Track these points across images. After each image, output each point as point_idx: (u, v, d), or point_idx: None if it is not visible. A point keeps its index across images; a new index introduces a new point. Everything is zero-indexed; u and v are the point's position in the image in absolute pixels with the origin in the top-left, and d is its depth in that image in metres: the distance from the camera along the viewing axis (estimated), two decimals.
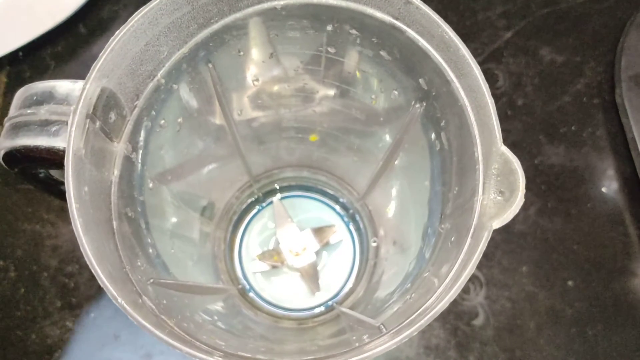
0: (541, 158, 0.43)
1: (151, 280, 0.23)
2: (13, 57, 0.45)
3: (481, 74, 0.20)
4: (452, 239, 0.22)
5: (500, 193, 0.20)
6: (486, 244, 0.19)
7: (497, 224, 0.19)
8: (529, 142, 0.43)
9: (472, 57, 0.20)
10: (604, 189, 0.42)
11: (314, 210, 0.39)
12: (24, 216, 0.42)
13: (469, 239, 0.20)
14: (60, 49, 0.46)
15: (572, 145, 0.43)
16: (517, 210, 0.19)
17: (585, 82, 0.44)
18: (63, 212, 0.41)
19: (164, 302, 0.22)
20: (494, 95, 0.44)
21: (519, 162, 0.19)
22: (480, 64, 0.45)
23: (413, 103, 0.26)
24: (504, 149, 0.19)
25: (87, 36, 0.46)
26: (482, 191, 0.20)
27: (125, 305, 0.18)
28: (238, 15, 0.24)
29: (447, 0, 0.47)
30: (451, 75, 0.22)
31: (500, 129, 0.20)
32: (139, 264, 0.23)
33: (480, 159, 0.21)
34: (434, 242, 0.25)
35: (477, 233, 0.19)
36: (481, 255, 0.19)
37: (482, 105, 0.20)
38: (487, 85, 0.20)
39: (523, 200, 0.19)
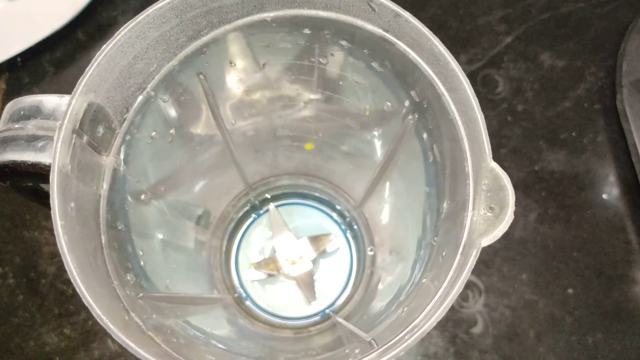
0: (541, 164, 0.42)
1: (140, 294, 0.23)
2: (12, 64, 0.45)
3: (471, 88, 0.20)
4: (444, 253, 0.22)
5: (490, 209, 0.19)
6: (475, 262, 0.18)
7: (486, 241, 0.19)
8: (529, 148, 0.43)
9: (462, 72, 0.20)
10: (604, 196, 0.42)
11: (311, 218, 0.38)
12: (22, 223, 0.42)
13: (458, 255, 0.20)
14: (58, 55, 0.46)
15: (573, 151, 0.42)
16: (506, 228, 0.19)
17: (586, 88, 0.44)
18: None
19: (154, 316, 0.22)
20: (494, 101, 0.44)
21: (508, 179, 0.19)
22: (480, 69, 0.45)
23: (405, 114, 0.25)
24: (494, 165, 0.19)
25: (86, 42, 0.46)
26: (472, 207, 0.20)
27: (110, 325, 0.18)
28: (228, 27, 0.23)
29: (447, 4, 0.46)
30: (442, 88, 0.21)
31: (490, 145, 0.19)
32: (128, 278, 0.23)
33: (471, 173, 0.20)
34: (427, 254, 0.25)
35: (467, 250, 0.19)
36: (469, 273, 0.18)
37: (472, 119, 0.20)
38: (476, 100, 0.20)
39: (513, 217, 0.19)
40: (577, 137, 0.43)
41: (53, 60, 0.46)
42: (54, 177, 0.19)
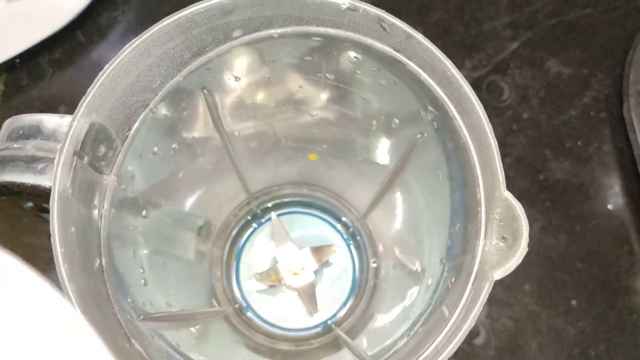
0: (546, 173, 0.42)
1: (141, 317, 0.22)
2: (10, 65, 0.44)
3: (484, 114, 0.19)
4: (452, 279, 0.22)
5: (502, 239, 0.19)
6: (487, 297, 0.18)
7: (499, 274, 0.18)
8: (534, 156, 0.42)
9: (476, 96, 0.19)
10: (609, 206, 0.41)
11: (314, 227, 0.38)
12: (21, 228, 0.41)
13: (469, 286, 0.19)
14: (58, 56, 0.45)
15: (578, 161, 0.42)
16: (520, 260, 0.18)
17: (592, 96, 0.43)
18: None
19: (154, 339, 0.22)
20: (499, 108, 0.43)
21: (522, 209, 0.18)
22: (486, 75, 0.44)
23: (414, 133, 0.25)
24: (507, 194, 0.19)
25: (85, 43, 0.46)
26: (483, 235, 0.19)
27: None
28: (234, 43, 0.23)
29: (453, 9, 0.46)
30: (453, 111, 0.21)
31: (503, 173, 0.19)
32: (129, 300, 0.22)
33: (483, 200, 0.20)
34: (435, 276, 0.25)
35: (478, 282, 0.19)
36: (482, 307, 0.18)
37: (485, 145, 0.19)
38: (490, 126, 0.19)
39: (527, 249, 0.18)
40: (582, 146, 0.42)
41: (52, 61, 0.45)
42: (54, 203, 0.18)
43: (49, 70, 0.45)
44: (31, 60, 0.45)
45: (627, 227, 0.41)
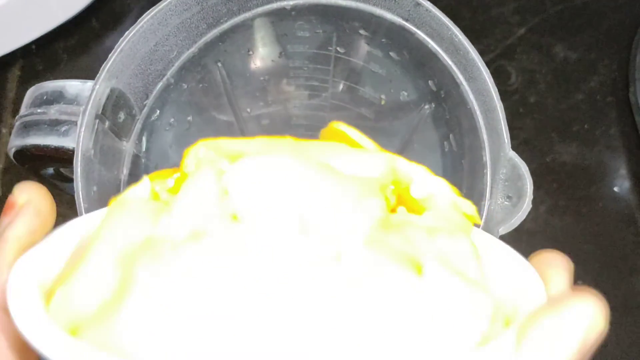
0: (553, 156, 0.42)
1: None
2: (26, 50, 0.45)
3: (490, 78, 0.20)
4: None
5: (507, 198, 0.20)
6: None
7: (504, 230, 0.19)
8: (541, 140, 0.43)
9: (482, 61, 0.20)
10: (615, 189, 0.42)
11: None
12: None
13: None
14: (73, 43, 0.46)
15: (585, 144, 0.42)
16: (524, 216, 0.19)
17: (599, 80, 0.44)
18: (74, 205, 0.42)
19: None
20: (506, 92, 0.43)
21: (527, 168, 0.19)
22: (493, 60, 0.45)
23: (422, 104, 0.26)
24: (512, 154, 0.19)
25: (100, 30, 0.46)
26: (489, 195, 0.20)
27: None
28: (247, 15, 0.24)
29: None
30: (460, 77, 0.22)
31: (509, 134, 0.20)
32: None
33: (489, 163, 0.21)
34: None
35: None
36: None
37: (491, 109, 0.20)
38: (496, 90, 0.20)
39: (530, 206, 0.19)
40: (589, 129, 0.43)
41: (67, 47, 0.46)
42: (77, 161, 0.19)
43: (64, 57, 0.46)
44: (47, 46, 0.46)
45: (633, 209, 0.41)
